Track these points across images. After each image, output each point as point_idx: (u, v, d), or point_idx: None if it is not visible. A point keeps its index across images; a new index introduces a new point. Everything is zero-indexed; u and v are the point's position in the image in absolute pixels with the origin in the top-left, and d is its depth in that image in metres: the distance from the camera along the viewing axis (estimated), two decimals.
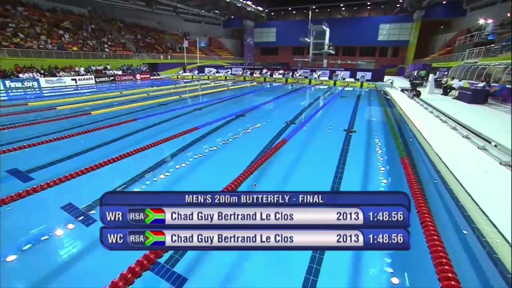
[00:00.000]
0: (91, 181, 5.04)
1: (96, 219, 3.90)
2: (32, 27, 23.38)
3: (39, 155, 6.27)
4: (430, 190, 4.80)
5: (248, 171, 4.99)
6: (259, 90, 21.69)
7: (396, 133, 8.19)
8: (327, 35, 39.13)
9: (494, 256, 3.11)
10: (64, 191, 4.60)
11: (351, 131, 8.84)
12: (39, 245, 3.44)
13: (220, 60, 44.91)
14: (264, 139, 7.78)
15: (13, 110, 11.10)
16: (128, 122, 9.39)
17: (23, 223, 3.96)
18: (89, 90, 18.84)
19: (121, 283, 2.45)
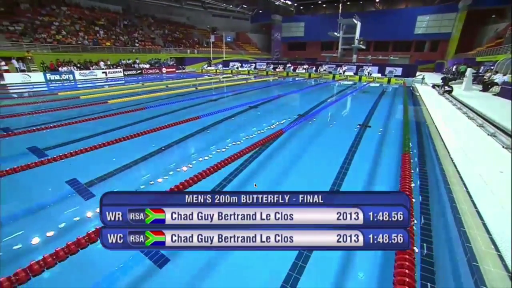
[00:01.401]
0: (96, 160, 5.65)
1: (95, 194, 4.28)
2: (72, 25, 25.48)
3: (56, 137, 7.12)
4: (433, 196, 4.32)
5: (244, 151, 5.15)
6: (279, 84, 21.38)
7: (408, 130, 7.53)
8: (357, 29, 37.19)
9: (473, 264, 2.68)
10: (70, 167, 5.23)
11: (366, 126, 8.38)
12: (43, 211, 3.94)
13: (247, 55, 45.04)
14: (271, 131, 7.70)
15: (44, 99, 12.44)
16: (137, 111, 9.90)
17: (31, 191, 4.51)
18: (116, 82, 20.09)
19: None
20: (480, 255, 2.75)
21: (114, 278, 2.73)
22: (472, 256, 2.76)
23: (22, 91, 15.21)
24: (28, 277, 2.54)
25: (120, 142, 6.52)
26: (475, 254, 2.76)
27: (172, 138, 6.99)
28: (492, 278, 2.47)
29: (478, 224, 3.23)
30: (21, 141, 6.74)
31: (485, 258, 2.71)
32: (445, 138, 6.50)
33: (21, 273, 2.52)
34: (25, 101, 12.61)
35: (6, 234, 3.42)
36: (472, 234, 3.07)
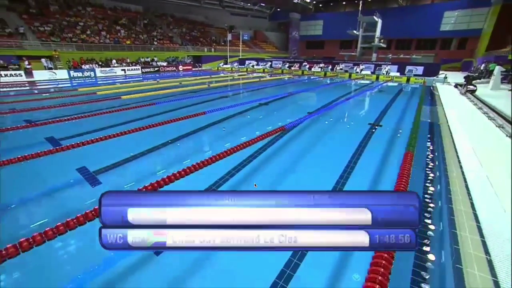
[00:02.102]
0: (104, 150, 6.11)
1: (101, 182, 4.62)
2: (96, 25, 26.72)
3: (71, 128, 7.70)
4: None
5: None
6: (293, 82, 21.17)
7: (417, 129, 7.20)
8: (378, 27, 35.96)
9: (456, 266, 2.52)
10: (81, 156, 5.68)
11: (376, 125, 8.15)
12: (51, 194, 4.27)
13: (264, 54, 44.96)
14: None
15: (65, 94, 13.30)
16: (147, 106, 10.24)
17: (43, 176, 4.94)
18: (134, 79, 20.84)
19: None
20: (465, 258, 2.58)
21: (113, 260, 2.84)
22: (457, 258, 2.60)
23: (47, 87, 16.20)
24: (31, 246, 2.88)
25: (128, 135, 6.93)
26: (461, 257, 2.60)
27: (179, 132, 7.22)
28: (473, 281, 2.31)
29: (472, 227, 3.03)
30: (40, 132, 7.32)
31: (470, 261, 2.54)
32: (456, 138, 6.14)
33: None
34: (48, 96, 13.42)
35: (17, 211, 3.80)
36: (462, 236, 2.88)
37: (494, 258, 2.54)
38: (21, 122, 8.28)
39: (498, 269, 2.42)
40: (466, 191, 3.76)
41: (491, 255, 2.57)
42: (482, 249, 2.67)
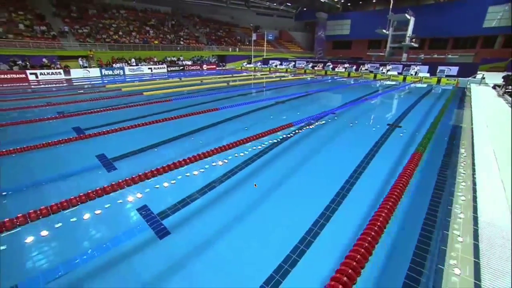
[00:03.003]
0: (122, 140, 6.66)
1: (117, 168, 5.05)
2: (127, 26, 28.38)
3: (95, 120, 8.43)
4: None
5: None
6: (314, 82, 20.84)
7: (433, 131, 6.79)
8: (410, 25, 34.01)
9: (438, 266, 2.39)
10: (101, 145, 6.26)
11: (395, 126, 7.89)
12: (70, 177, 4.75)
13: (288, 54, 44.68)
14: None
15: (94, 90, 14.39)
16: (165, 102, 10.77)
17: (66, 161, 5.50)
18: (159, 77, 21.83)
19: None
20: (450, 259, 2.43)
21: (119, 240, 3.07)
22: (441, 259, 2.45)
23: (81, 84, 17.58)
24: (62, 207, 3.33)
25: (144, 127, 7.46)
26: (446, 258, 2.45)
27: (193, 127, 7.57)
28: (452, 283, 2.18)
29: (468, 229, 2.83)
30: (68, 122, 8.14)
31: (455, 263, 2.38)
32: (477, 140, 5.69)
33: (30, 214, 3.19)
34: (79, 91, 14.57)
35: (41, 187, 4.29)
36: (454, 238, 2.71)
37: (483, 263, 2.37)
38: (54, 113, 9.17)
39: (483, 272, 2.26)
40: (472, 194, 3.50)
41: (480, 259, 2.40)
42: (472, 252, 2.49)
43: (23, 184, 4.41)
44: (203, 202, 3.84)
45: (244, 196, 4.03)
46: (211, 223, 3.39)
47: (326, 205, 3.70)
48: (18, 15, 22.97)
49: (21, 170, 4.98)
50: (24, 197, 4.04)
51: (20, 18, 22.77)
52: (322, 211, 3.56)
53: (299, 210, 3.68)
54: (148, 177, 4.29)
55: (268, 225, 3.39)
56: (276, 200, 3.96)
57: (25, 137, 6.59)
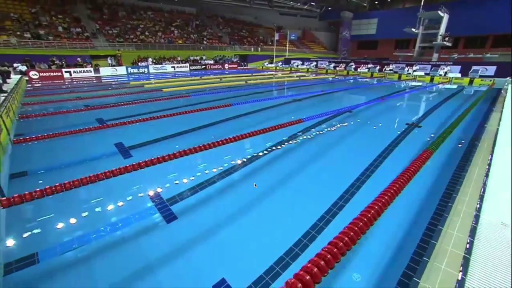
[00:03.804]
0: (140, 131, 7.06)
1: (132, 155, 5.39)
2: (153, 26, 29.68)
3: (117, 112, 9.03)
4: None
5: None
6: (335, 82, 20.43)
7: (450, 130, 6.42)
8: (443, 23, 32.02)
9: (423, 259, 2.31)
10: (120, 134, 6.72)
11: (415, 125, 7.64)
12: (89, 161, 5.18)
13: (311, 54, 44.09)
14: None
15: (119, 86, 15.38)
16: (183, 97, 11.22)
17: (87, 147, 6.01)
18: (181, 75, 22.61)
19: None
20: (438, 253, 2.34)
21: (128, 221, 3.29)
22: (429, 252, 2.37)
23: (108, 81, 18.74)
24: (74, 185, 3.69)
25: (161, 119, 7.84)
26: (433, 252, 2.36)
27: (206, 121, 7.85)
28: (434, 274, 2.10)
29: (465, 225, 2.70)
30: (93, 114, 8.78)
31: (442, 256, 2.29)
32: (500, 142, 5.29)
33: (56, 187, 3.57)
34: (106, 87, 15.56)
35: (63, 169, 4.74)
36: (447, 233, 2.60)
37: (475, 258, 2.25)
38: (81, 106, 9.90)
39: (472, 268, 2.15)
40: (479, 193, 3.31)
41: (471, 255, 2.28)
42: (464, 248, 2.38)
43: (50, 165, 4.91)
44: (211, 191, 3.95)
45: (252, 189, 4.06)
46: (217, 212, 3.48)
47: (333, 201, 3.65)
48: (57, 19, 24.94)
49: (49, 153, 5.54)
50: (49, 176, 4.47)
51: (59, 21, 24.71)
52: (329, 207, 3.51)
53: (306, 206, 3.66)
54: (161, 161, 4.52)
55: (274, 218, 3.40)
56: (284, 194, 3.96)
57: (56, 126, 7.25)
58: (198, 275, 2.49)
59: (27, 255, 2.69)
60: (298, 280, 2.00)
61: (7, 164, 4.86)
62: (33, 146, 5.81)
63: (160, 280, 2.41)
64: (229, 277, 2.41)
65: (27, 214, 3.47)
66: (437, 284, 2.02)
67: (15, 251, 2.78)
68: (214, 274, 2.46)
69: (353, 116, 8.76)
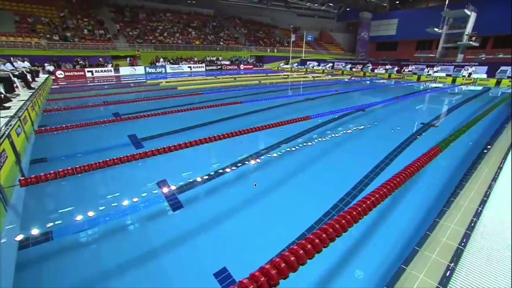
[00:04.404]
0: (152, 124, 7.39)
1: (144, 146, 5.66)
2: (172, 28, 30.56)
3: (133, 107, 9.41)
4: None
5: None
6: (350, 82, 20.09)
7: (464, 130, 6.17)
8: (470, 22, 30.50)
9: (414, 248, 2.27)
10: (134, 127, 7.06)
11: (430, 125, 7.45)
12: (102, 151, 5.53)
13: (328, 55, 43.53)
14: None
15: (136, 84, 16.08)
16: (197, 95, 11.59)
17: (104, 138, 6.44)
18: (197, 75, 23.14)
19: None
20: (431, 243, 2.29)
21: (136, 206, 3.44)
22: (421, 242, 2.33)
23: (127, 80, 19.54)
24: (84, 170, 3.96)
25: (173, 114, 8.17)
26: (426, 242, 2.32)
27: (217, 117, 8.04)
28: (422, 261, 2.07)
29: (464, 219, 2.61)
30: (110, 109, 9.28)
31: (434, 246, 2.24)
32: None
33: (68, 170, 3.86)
34: (123, 85, 16.23)
35: (79, 158, 5.04)
36: (444, 226, 2.53)
37: (469, 249, 2.19)
38: (100, 102, 10.42)
39: (465, 258, 2.09)
40: (485, 190, 3.18)
41: (466, 247, 2.21)
42: (459, 240, 2.31)
43: (67, 152, 5.28)
44: (218, 183, 4.03)
45: (259, 183, 4.09)
46: (222, 204, 3.55)
47: (339, 198, 3.60)
48: (83, 22, 26.35)
49: (67, 142, 5.97)
50: (66, 162, 4.79)
51: (84, 24, 26.09)
52: (335, 203, 3.48)
53: (311, 201, 3.65)
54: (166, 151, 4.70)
55: (279, 212, 3.40)
56: (290, 190, 3.96)
57: (75, 119, 7.67)
58: (200, 262, 2.55)
59: (43, 232, 2.90)
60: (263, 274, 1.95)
61: (29, 151, 5.25)
62: (53, 136, 6.22)
63: (163, 265, 2.50)
64: (231, 266, 2.44)
65: (45, 196, 3.73)
66: (424, 271, 1.99)
67: (32, 228, 3.00)
68: (216, 262, 2.49)
69: (365, 115, 8.61)
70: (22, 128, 5.51)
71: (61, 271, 2.47)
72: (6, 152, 3.94)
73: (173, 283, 2.33)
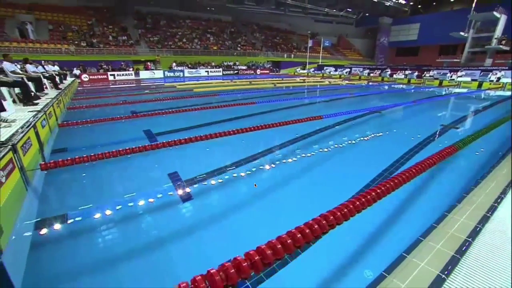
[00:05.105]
0: (167, 121, 7.74)
1: (158, 140, 5.80)
2: (191, 34, 31.53)
3: (149, 106, 9.79)
4: None
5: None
6: (366, 87, 19.67)
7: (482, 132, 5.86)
8: (499, 25, 29.10)
9: (418, 238, 2.19)
10: (150, 123, 7.31)
11: (450, 127, 7.22)
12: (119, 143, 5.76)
13: (345, 61, 43.00)
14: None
15: (154, 86, 16.65)
16: (212, 96, 11.88)
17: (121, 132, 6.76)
18: (214, 79, 23.63)
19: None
20: (437, 233, 2.20)
21: (147, 195, 3.54)
22: (426, 233, 2.24)
23: (146, 83, 20.40)
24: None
25: (188, 112, 8.52)
26: (431, 232, 2.22)
27: (231, 115, 8.21)
28: (425, 251, 1.99)
29: (476, 215, 2.48)
30: (129, 107, 9.72)
31: (440, 237, 2.15)
32: None
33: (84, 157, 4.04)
34: (143, 88, 16.92)
35: (96, 148, 5.24)
36: (453, 219, 2.42)
37: (476, 243, 2.07)
38: (119, 101, 10.96)
39: (473, 249, 1.99)
40: (504, 187, 3.00)
41: (474, 240, 2.10)
42: (467, 232, 2.19)
43: (86, 143, 5.61)
44: (228, 177, 4.06)
45: (268, 179, 4.12)
46: (231, 197, 3.58)
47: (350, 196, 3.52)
48: (108, 29, 27.87)
49: (87, 135, 6.35)
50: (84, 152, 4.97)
51: (109, 31, 27.58)
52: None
53: (320, 200, 3.55)
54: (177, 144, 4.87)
55: (288, 209, 3.37)
56: (299, 186, 3.92)
57: (95, 116, 8.12)
58: (206, 253, 2.56)
59: (58, 214, 3.07)
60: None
61: (51, 142, 5.64)
62: (74, 129, 6.63)
63: (170, 254, 2.54)
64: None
65: (63, 183, 3.95)
66: (426, 260, 1.91)
67: (49, 210, 3.19)
68: (222, 255, 2.42)
69: (381, 116, 8.41)
70: (47, 121, 5.90)
71: (72, 251, 2.58)
72: (31, 140, 4.24)
73: (178, 271, 2.35)
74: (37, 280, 2.19)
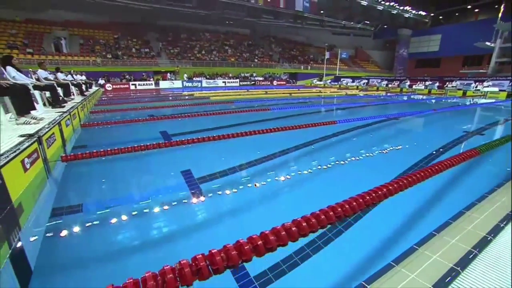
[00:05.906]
0: (183, 125, 8.08)
1: (172, 139, 6.00)
2: (209, 46, 32.68)
3: (166, 111, 10.17)
4: None
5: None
6: (383, 97, 19.27)
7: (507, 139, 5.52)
8: None
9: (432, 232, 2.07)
10: (166, 125, 7.69)
11: (475, 133, 7.02)
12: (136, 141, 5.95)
13: (363, 73, 42.59)
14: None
15: (174, 95, 17.37)
16: (227, 103, 12.13)
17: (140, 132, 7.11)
18: (230, 89, 24.14)
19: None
20: (451, 229, 2.07)
21: (158, 189, 3.69)
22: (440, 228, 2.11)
23: (166, 92, 21.20)
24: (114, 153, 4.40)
25: (201, 117, 8.72)
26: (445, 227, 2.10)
27: (245, 120, 8.39)
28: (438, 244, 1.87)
29: (498, 214, 2.32)
30: (147, 112, 10.14)
31: (455, 232, 2.02)
32: None
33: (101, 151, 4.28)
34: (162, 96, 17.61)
35: (114, 146, 5.34)
36: (471, 216, 2.27)
37: (498, 240, 1.92)
38: (138, 106, 11.49)
39: (493, 246, 1.84)
40: None
41: (495, 237, 1.95)
42: (487, 229, 2.04)
43: (104, 141, 5.87)
44: (241, 176, 4.09)
45: (279, 180, 4.03)
46: (242, 197, 3.52)
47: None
48: (132, 42, 29.56)
49: (106, 135, 6.75)
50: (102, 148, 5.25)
51: (133, 44, 29.22)
52: None
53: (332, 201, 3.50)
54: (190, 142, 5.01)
55: (298, 211, 3.28)
56: (311, 190, 3.84)
57: (116, 119, 8.55)
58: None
59: (74, 204, 3.21)
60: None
61: (73, 140, 5.99)
62: (95, 129, 7.05)
63: (178, 250, 2.53)
64: None
65: (81, 175, 4.13)
66: (439, 253, 1.79)
67: (66, 199, 3.33)
68: None
69: (398, 123, 8.18)
70: (71, 121, 6.28)
71: (85, 240, 2.66)
72: (55, 135, 4.51)
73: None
74: (49, 263, 2.26)
